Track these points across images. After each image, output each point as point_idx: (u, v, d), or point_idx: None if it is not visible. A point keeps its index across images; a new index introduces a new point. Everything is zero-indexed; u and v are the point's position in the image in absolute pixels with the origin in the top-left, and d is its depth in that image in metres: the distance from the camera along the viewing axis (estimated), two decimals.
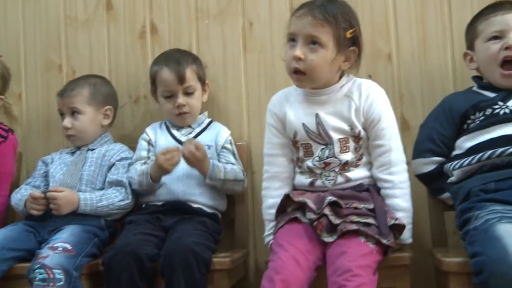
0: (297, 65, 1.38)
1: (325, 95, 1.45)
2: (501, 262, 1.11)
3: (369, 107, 1.42)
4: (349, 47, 1.42)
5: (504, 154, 1.37)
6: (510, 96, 1.46)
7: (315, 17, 1.36)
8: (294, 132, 1.46)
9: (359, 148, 1.44)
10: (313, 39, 1.37)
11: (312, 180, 1.45)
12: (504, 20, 1.47)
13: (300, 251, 1.29)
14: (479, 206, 1.31)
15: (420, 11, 1.78)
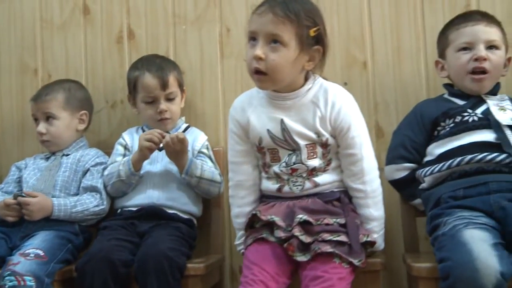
0: (258, 65, 1.31)
1: (290, 99, 1.39)
2: (466, 267, 1.14)
3: (337, 115, 1.37)
4: (313, 46, 1.35)
5: (473, 161, 1.40)
6: (479, 104, 1.50)
7: (276, 14, 1.29)
8: (259, 138, 1.41)
9: (327, 154, 1.40)
10: (274, 38, 1.30)
11: (280, 186, 1.42)
12: (474, 31, 1.51)
13: (270, 276, 1.27)
14: (448, 213, 1.34)
15: (395, 20, 1.81)
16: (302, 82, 1.40)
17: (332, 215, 1.34)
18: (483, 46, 1.49)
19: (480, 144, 1.43)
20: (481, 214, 1.31)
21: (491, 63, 1.49)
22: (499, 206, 1.31)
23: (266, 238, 1.34)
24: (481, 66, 1.49)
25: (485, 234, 1.22)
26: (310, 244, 1.28)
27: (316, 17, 1.35)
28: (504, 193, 1.33)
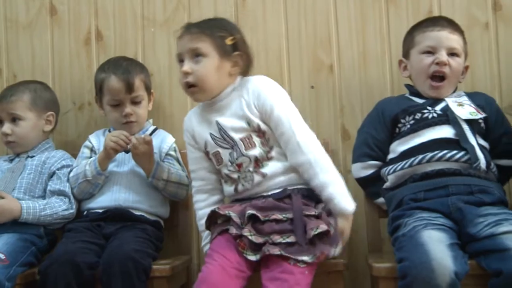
0: (187, 79, 1.45)
1: (220, 101, 1.48)
2: (422, 267, 1.17)
3: (258, 98, 1.44)
4: (232, 52, 1.47)
5: (433, 159, 1.45)
6: (438, 102, 1.55)
7: (191, 33, 1.46)
8: (205, 143, 1.49)
9: (266, 142, 1.43)
10: (195, 52, 1.44)
11: (235, 186, 1.45)
12: (439, 36, 1.55)
13: (229, 261, 1.30)
14: (408, 214, 1.38)
15: (361, 24, 1.85)
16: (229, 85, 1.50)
17: (281, 211, 1.34)
18: (445, 51, 1.53)
19: (440, 141, 1.47)
20: (439, 215, 1.35)
21: (450, 69, 1.53)
22: (457, 208, 1.35)
23: (231, 231, 1.35)
24: (441, 70, 1.53)
25: (442, 235, 1.26)
26: (262, 244, 1.30)
27: (230, 29, 1.50)
28: (461, 196, 1.38)
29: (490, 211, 1.33)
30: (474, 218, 1.31)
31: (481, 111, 1.51)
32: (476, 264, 1.26)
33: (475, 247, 1.27)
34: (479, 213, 1.32)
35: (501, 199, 1.40)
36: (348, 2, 1.86)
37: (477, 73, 1.78)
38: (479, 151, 1.45)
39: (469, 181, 1.41)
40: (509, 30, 1.77)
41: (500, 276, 1.17)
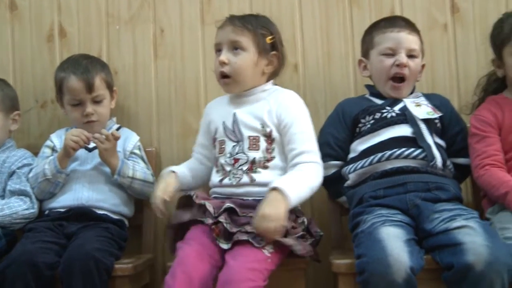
0: (223, 69, 1.49)
1: (246, 96, 1.53)
2: (380, 263, 1.20)
3: (282, 111, 1.48)
4: (270, 51, 1.52)
5: (392, 157, 1.48)
6: (397, 102, 1.58)
7: (235, 25, 1.50)
8: (215, 129, 1.54)
9: (271, 150, 1.47)
10: (235, 45, 1.48)
11: (222, 177, 1.48)
12: (398, 38, 1.58)
13: (203, 247, 1.34)
14: (368, 211, 1.41)
15: (325, 24, 1.87)
16: (262, 84, 1.55)
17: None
18: (404, 53, 1.56)
19: (398, 139, 1.51)
20: (398, 212, 1.39)
21: (410, 70, 1.56)
22: (414, 204, 1.39)
23: (207, 222, 1.38)
24: (401, 72, 1.56)
25: (400, 231, 1.29)
26: (234, 234, 1.34)
27: (271, 27, 1.55)
28: (419, 192, 1.41)
29: (445, 207, 1.37)
30: (430, 214, 1.35)
31: (437, 110, 1.55)
32: (431, 258, 1.29)
33: (431, 242, 1.31)
34: (435, 209, 1.36)
35: (456, 196, 1.45)
36: (312, 2, 1.87)
37: (437, 73, 1.83)
38: (435, 150, 1.49)
39: (426, 179, 1.44)
40: (466, 31, 1.81)
41: (452, 270, 1.21)
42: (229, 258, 1.30)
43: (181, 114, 1.88)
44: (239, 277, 1.25)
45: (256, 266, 1.29)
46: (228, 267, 1.28)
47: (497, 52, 1.53)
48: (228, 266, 1.28)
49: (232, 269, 1.27)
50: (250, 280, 1.25)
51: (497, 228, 1.35)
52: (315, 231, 1.48)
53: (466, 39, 1.82)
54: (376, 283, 1.20)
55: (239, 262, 1.28)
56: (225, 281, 1.25)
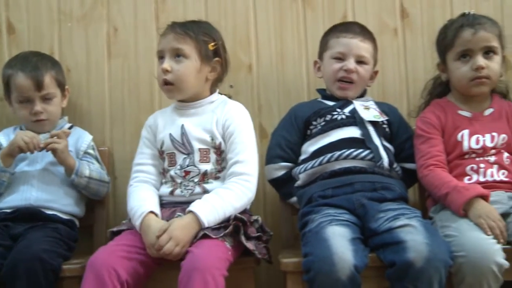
0: (166, 76, 1.49)
1: (193, 108, 1.55)
2: (324, 261, 1.23)
3: (226, 120, 1.51)
4: (213, 58, 1.54)
5: (341, 157, 1.52)
6: (347, 105, 1.63)
7: (176, 33, 1.51)
8: (162, 142, 1.54)
9: (221, 161, 1.51)
10: (177, 52, 1.50)
11: (173, 189, 1.50)
12: (349, 44, 1.62)
13: (121, 245, 1.36)
14: (316, 210, 1.44)
15: (279, 26, 1.89)
16: (208, 94, 1.58)
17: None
18: (353, 59, 1.60)
19: (347, 140, 1.55)
20: (345, 211, 1.42)
21: (358, 76, 1.61)
22: (360, 204, 1.43)
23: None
24: (348, 76, 1.60)
25: (345, 230, 1.33)
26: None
27: (213, 34, 1.57)
28: (365, 192, 1.46)
29: (390, 206, 1.41)
30: (376, 214, 1.38)
31: (384, 115, 1.60)
32: (376, 257, 1.33)
33: (376, 241, 1.34)
34: (380, 208, 1.40)
35: (401, 195, 1.49)
36: (267, 4, 1.90)
37: (387, 77, 1.87)
38: (382, 151, 1.53)
39: (373, 179, 1.49)
40: (414, 36, 1.87)
41: (394, 267, 1.25)
42: (192, 249, 1.31)
43: (134, 114, 1.87)
44: (206, 264, 1.26)
45: (220, 255, 1.31)
46: (193, 255, 1.29)
47: (441, 57, 1.59)
48: (193, 254, 1.29)
49: (198, 256, 1.28)
50: (216, 267, 1.27)
51: (438, 226, 1.41)
52: (267, 230, 1.51)
53: (415, 43, 1.87)
54: (322, 281, 1.23)
55: (205, 250, 1.30)
56: (191, 268, 1.26)
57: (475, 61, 1.48)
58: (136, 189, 1.51)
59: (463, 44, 1.50)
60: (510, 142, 1.51)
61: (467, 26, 1.50)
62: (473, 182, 1.46)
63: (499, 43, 1.51)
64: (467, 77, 1.50)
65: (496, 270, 1.24)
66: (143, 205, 1.43)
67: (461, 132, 1.51)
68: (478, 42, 1.48)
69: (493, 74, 1.50)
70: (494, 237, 1.30)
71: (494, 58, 1.50)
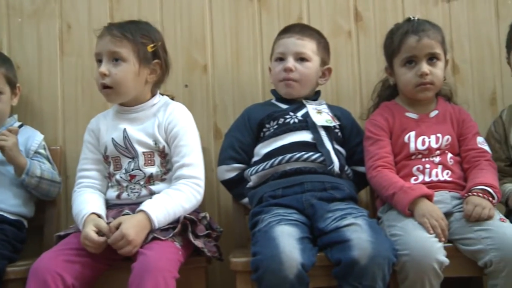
0: (104, 80, 1.47)
1: (135, 112, 1.53)
2: (272, 260, 1.25)
3: (169, 124, 1.50)
4: (152, 60, 1.51)
5: (292, 159, 1.54)
6: (300, 108, 1.64)
7: (113, 35, 1.47)
8: (105, 147, 1.52)
9: (165, 164, 1.51)
10: (115, 56, 1.47)
11: (119, 192, 1.50)
12: (287, 43, 1.65)
13: (65, 249, 1.35)
14: (266, 210, 1.45)
15: (235, 26, 1.90)
16: (149, 97, 1.55)
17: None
18: (292, 57, 1.62)
19: (299, 144, 1.56)
20: (294, 211, 1.44)
21: (299, 74, 1.62)
22: (310, 204, 1.45)
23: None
24: (288, 76, 1.62)
25: (294, 230, 1.35)
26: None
27: (152, 35, 1.53)
28: (315, 192, 1.48)
29: (339, 206, 1.44)
30: (324, 213, 1.41)
31: (336, 119, 1.63)
32: (324, 256, 1.35)
33: (324, 240, 1.37)
34: (329, 208, 1.42)
35: (350, 195, 1.52)
36: (222, 5, 1.90)
37: (341, 78, 1.91)
38: (333, 155, 1.56)
39: (322, 179, 1.51)
40: (368, 39, 1.91)
41: (340, 265, 1.28)
42: (144, 250, 1.31)
43: (88, 112, 1.83)
44: (157, 266, 1.25)
45: (171, 256, 1.31)
46: (144, 256, 1.28)
47: (388, 61, 1.63)
48: (145, 256, 1.28)
49: (149, 258, 1.27)
50: (167, 270, 1.27)
51: (386, 226, 1.45)
52: (215, 227, 1.52)
53: (368, 46, 1.91)
54: (269, 279, 1.25)
55: (156, 252, 1.29)
56: (142, 270, 1.25)
57: (420, 68, 1.53)
58: (78, 194, 1.50)
59: (408, 50, 1.54)
60: (454, 143, 1.56)
61: (412, 33, 1.54)
62: (419, 182, 1.50)
63: (442, 49, 1.56)
64: (412, 83, 1.55)
65: (437, 268, 1.28)
66: (85, 208, 1.42)
67: (408, 134, 1.55)
68: (422, 49, 1.52)
69: (437, 80, 1.55)
70: (436, 236, 1.34)
71: (437, 64, 1.55)
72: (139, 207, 1.38)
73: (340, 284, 1.30)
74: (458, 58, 1.91)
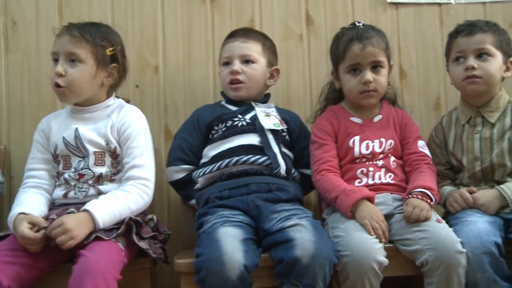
0: (58, 80, 1.45)
1: (88, 112, 1.53)
2: (215, 261, 1.26)
3: (122, 125, 1.51)
4: (110, 63, 1.51)
5: (239, 162, 1.55)
6: (249, 111, 1.66)
7: (72, 35, 1.46)
8: (55, 146, 1.51)
9: (116, 164, 1.50)
10: (72, 56, 1.46)
11: (66, 191, 1.48)
12: (231, 47, 1.67)
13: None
14: (212, 212, 1.46)
15: (187, 27, 1.91)
16: (104, 99, 1.55)
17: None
18: (238, 60, 1.64)
19: (246, 147, 1.58)
20: (239, 212, 1.46)
21: (245, 75, 1.64)
22: (255, 205, 1.47)
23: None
24: (235, 78, 1.64)
25: (238, 231, 1.36)
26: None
27: (112, 38, 1.53)
28: (261, 193, 1.50)
29: (284, 207, 1.46)
30: (269, 214, 1.43)
31: (284, 123, 1.65)
32: (268, 256, 1.37)
33: (268, 241, 1.38)
34: (274, 209, 1.44)
35: (296, 197, 1.55)
36: (175, 5, 1.90)
37: (292, 81, 1.94)
38: (280, 158, 1.58)
39: (269, 180, 1.53)
40: (319, 43, 1.95)
41: (282, 263, 1.30)
42: (84, 252, 1.29)
43: (34, 112, 1.81)
44: (98, 268, 1.24)
45: (113, 258, 1.30)
46: (85, 258, 1.27)
47: (334, 66, 1.66)
48: (86, 257, 1.27)
49: (89, 260, 1.26)
50: (108, 271, 1.26)
51: (329, 227, 1.47)
52: (163, 230, 1.52)
53: (319, 49, 1.95)
54: (212, 281, 1.25)
55: (97, 253, 1.28)
56: (82, 272, 1.24)
57: (363, 76, 1.56)
58: (19, 195, 1.48)
59: (352, 58, 1.57)
60: (397, 147, 1.60)
61: (356, 40, 1.57)
62: (363, 185, 1.54)
63: (385, 56, 1.59)
64: (357, 90, 1.58)
65: (376, 268, 1.32)
66: (15, 209, 1.40)
67: (353, 138, 1.58)
68: (366, 57, 1.56)
69: (380, 87, 1.59)
70: (377, 237, 1.38)
71: (381, 71, 1.58)
72: (84, 207, 1.37)
73: (282, 282, 1.32)
74: (405, 63, 1.97)
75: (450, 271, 1.33)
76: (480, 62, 1.56)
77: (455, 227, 1.43)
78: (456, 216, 1.50)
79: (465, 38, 1.59)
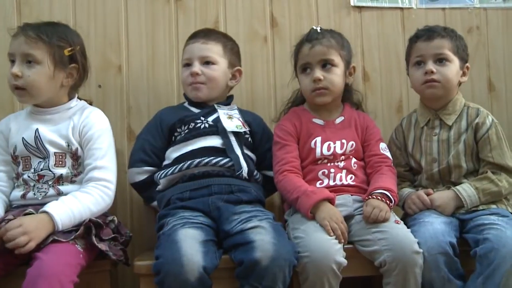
0: (16, 82, 1.43)
1: (50, 114, 1.50)
2: (174, 263, 1.25)
3: (84, 127, 1.49)
4: (69, 64, 1.48)
5: (201, 164, 1.55)
6: (211, 113, 1.65)
7: (28, 36, 1.43)
8: (14, 147, 1.48)
9: (77, 166, 1.49)
10: (28, 58, 1.43)
11: (25, 192, 1.46)
12: (191, 49, 1.67)
13: None
14: (172, 213, 1.46)
15: (151, 28, 1.89)
16: (65, 100, 1.53)
17: None
18: (198, 62, 1.64)
19: (209, 149, 1.58)
20: (200, 214, 1.45)
21: (205, 77, 1.64)
22: (216, 207, 1.47)
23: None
24: (195, 81, 1.64)
25: (198, 233, 1.36)
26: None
27: (70, 38, 1.50)
28: (222, 195, 1.50)
29: (245, 208, 1.46)
30: (230, 216, 1.43)
31: (246, 125, 1.65)
32: (229, 258, 1.37)
33: (229, 243, 1.38)
34: (235, 211, 1.45)
35: (258, 198, 1.55)
36: (138, 5, 1.88)
37: (256, 82, 1.95)
38: (243, 161, 1.58)
39: (230, 182, 1.53)
40: (283, 44, 1.96)
41: (242, 265, 1.30)
42: (40, 255, 1.26)
43: None
44: (53, 271, 1.22)
45: (69, 260, 1.28)
46: (40, 261, 1.24)
47: (295, 70, 1.68)
48: (41, 260, 1.24)
49: (44, 263, 1.23)
50: (64, 274, 1.24)
51: (290, 229, 1.48)
52: (125, 232, 1.50)
53: (283, 51, 1.96)
54: (170, 282, 1.25)
55: (53, 256, 1.26)
56: (36, 275, 1.21)
57: (313, 74, 1.59)
58: None
59: (303, 58, 1.61)
60: (358, 148, 1.62)
61: (306, 41, 1.61)
62: (324, 186, 1.55)
63: (339, 55, 1.60)
64: (308, 89, 1.60)
65: (335, 268, 1.34)
66: None
67: (315, 139, 1.60)
68: (315, 56, 1.59)
69: (331, 85, 1.59)
70: (336, 238, 1.40)
71: (332, 70, 1.60)
72: (43, 208, 1.34)
73: (242, 284, 1.32)
74: (368, 66, 2.00)
75: (407, 271, 1.35)
76: (439, 67, 1.60)
77: (413, 227, 1.46)
78: (414, 217, 1.54)
79: (424, 43, 1.62)
